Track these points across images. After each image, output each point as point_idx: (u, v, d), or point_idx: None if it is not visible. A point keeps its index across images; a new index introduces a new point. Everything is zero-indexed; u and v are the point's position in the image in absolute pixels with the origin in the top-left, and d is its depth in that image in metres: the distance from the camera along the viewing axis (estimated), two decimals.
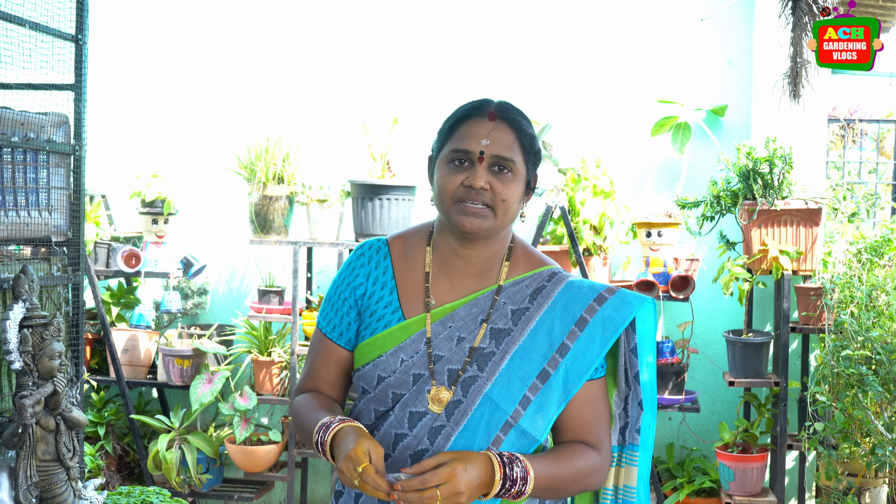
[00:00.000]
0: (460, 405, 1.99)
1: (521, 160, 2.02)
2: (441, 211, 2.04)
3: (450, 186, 1.99)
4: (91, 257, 5.19)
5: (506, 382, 1.99)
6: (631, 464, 2.12)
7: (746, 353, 4.66)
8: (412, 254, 2.12)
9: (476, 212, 1.98)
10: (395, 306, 2.07)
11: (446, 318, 2.05)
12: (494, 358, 2.01)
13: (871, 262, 4.53)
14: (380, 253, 2.13)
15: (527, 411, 1.99)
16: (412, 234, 2.16)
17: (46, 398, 2.90)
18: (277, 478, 5.17)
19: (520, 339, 2.02)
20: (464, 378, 2.00)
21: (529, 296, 2.07)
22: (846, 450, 4.36)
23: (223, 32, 5.66)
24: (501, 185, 1.98)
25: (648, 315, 2.08)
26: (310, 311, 5.09)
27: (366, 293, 2.10)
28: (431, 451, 1.97)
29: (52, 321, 2.95)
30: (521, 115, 2.06)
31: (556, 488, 1.97)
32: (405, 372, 2.02)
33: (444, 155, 2.04)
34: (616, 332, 2.03)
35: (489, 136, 1.99)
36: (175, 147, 5.64)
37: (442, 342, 2.03)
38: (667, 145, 5.17)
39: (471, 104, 2.08)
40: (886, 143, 6.00)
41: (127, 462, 5.38)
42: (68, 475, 2.98)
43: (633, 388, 2.10)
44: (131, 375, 5.28)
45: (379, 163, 5.01)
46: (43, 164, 3.48)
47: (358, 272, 2.12)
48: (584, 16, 5.35)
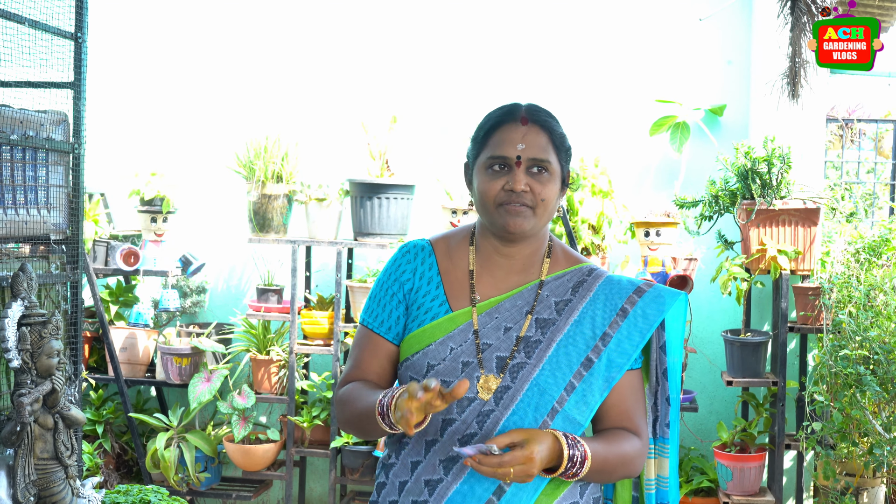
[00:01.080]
0: (509, 390, 2.06)
1: (555, 159, 2.11)
2: (483, 215, 2.14)
3: (491, 192, 2.09)
4: (90, 255, 5.19)
5: (553, 368, 2.07)
6: (663, 455, 2.22)
7: (744, 352, 4.66)
8: (455, 253, 2.21)
9: (518, 212, 2.08)
10: (441, 299, 2.16)
11: (492, 310, 2.13)
12: (541, 346, 2.09)
13: (870, 261, 4.53)
14: (424, 251, 2.22)
15: (571, 397, 2.07)
16: (454, 235, 2.26)
17: (45, 396, 2.90)
18: (275, 476, 5.17)
19: (564, 327, 2.11)
20: (512, 365, 2.08)
21: (571, 288, 2.16)
22: (844, 449, 4.37)
23: (222, 31, 5.66)
24: (540, 185, 2.08)
25: (679, 311, 2.18)
26: (308, 310, 5.09)
27: (413, 288, 2.18)
28: (480, 436, 2.03)
29: (51, 319, 2.95)
30: (550, 115, 2.16)
31: (605, 471, 2.05)
32: (454, 360, 2.09)
33: (481, 162, 2.13)
34: (654, 323, 2.13)
35: (523, 139, 2.09)
36: (174, 145, 5.64)
37: (489, 332, 2.11)
38: (665, 145, 5.17)
39: (501, 110, 2.16)
40: (885, 142, 6.01)
41: (125, 460, 5.38)
42: (66, 473, 2.98)
43: (661, 384, 2.20)
44: (130, 374, 5.28)
45: (378, 161, 5.01)
46: (42, 162, 3.48)
47: (405, 268, 2.21)
48: (582, 15, 5.35)
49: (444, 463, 2.05)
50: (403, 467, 2.11)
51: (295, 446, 5.11)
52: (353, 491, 5.32)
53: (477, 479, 2.02)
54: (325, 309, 5.12)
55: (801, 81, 4.09)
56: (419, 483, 2.07)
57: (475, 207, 2.17)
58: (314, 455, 5.12)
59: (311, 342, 5.09)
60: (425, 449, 2.08)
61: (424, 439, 2.08)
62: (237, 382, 5.26)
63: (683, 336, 2.21)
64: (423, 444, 2.08)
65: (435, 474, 2.06)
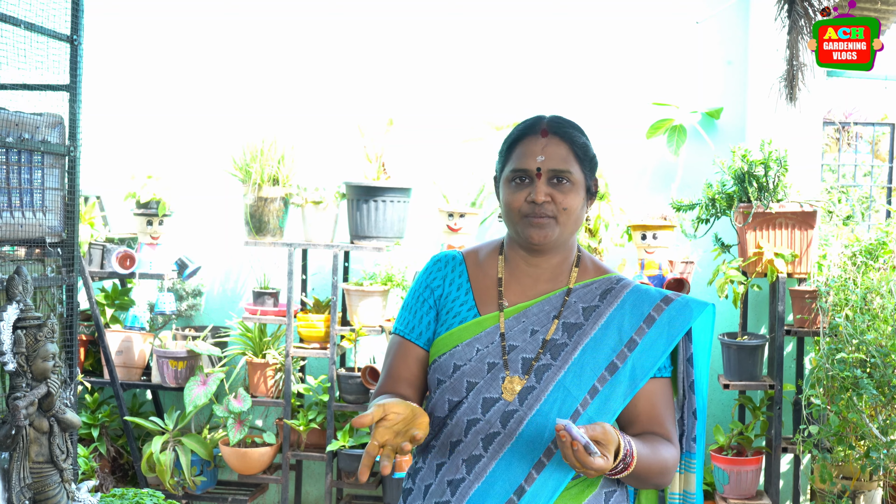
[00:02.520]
0: (534, 391, 2.08)
1: (577, 169, 2.14)
2: (509, 226, 2.19)
3: (515, 204, 2.14)
4: (85, 258, 5.17)
5: (578, 371, 2.10)
6: (689, 471, 2.23)
7: (741, 355, 4.66)
8: (485, 263, 2.26)
9: (542, 223, 2.12)
10: (470, 304, 2.20)
11: (520, 315, 2.17)
12: (567, 348, 2.12)
13: (866, 265, 4.53)
14: (455, 260, 2.28)
15: (594, 400, 2.08)
16: (484, 247, 2.31)
17: (40, 400, 2.89)
18: (271, 480, 5.16)
19: (591, 332, 2.14)
20: (537, 366, 2.11)
21: (599, 296, 2.19)
22: (841, 453, 4.37)
23: (219, 34, 5.65)
24: (562, 195, 2.11)
25: (706, 322, 2.20)
26: (304, 313, 5.08)
27: (443, 294, 2.24)
28: (503, 434, 2.06)
29: (46, 322, 2.94)
30: (572, 126, 2.19)
31: (644, 476, 2.04)
32: (480, 360, 2.13)
33: (505, 175, 2.17)
34: (680, 331, 2.15)
35: (543, 151, 2.13)
36: (170, 148, 5.63)
37: (516, 334, 2.15)
38: (662, 148, 5.17)
39: (524, 123, 2.20)
40: (881, 146, 6.01)
41: (121, 464, 5.37)
42: (62, 477, 2.97)
43: (688, 397, 2.21)
44: (125, 377, 5.27)
45: (374, 164, 5.00)
46: (38, 164, 3.48)
47: (435, 276, 2.27)
48: (579, 18, 5.35)
49: (467, 462, 2.08)
50: (430, 471, 2.14)
51: (291, 450, 5.10)
52: (350, 494, 5.31)
53: (499, 479, 2.05)
54: (322, 312, 5.12)
55: (798, 84, 4.09)
56: (442, 484, 2.10)
57: (503, 219, 2.21)
58: (310, 458, 5.11)
59: (307, 345, 5.08)
60: (450, 450, 2.11)
61: (450, 440, 2.11)
62: (233, 386, 5.25)
63: (711, 348, 2.22)
64: (449, 445, 2.12)
65: (458, 474, 2.08)
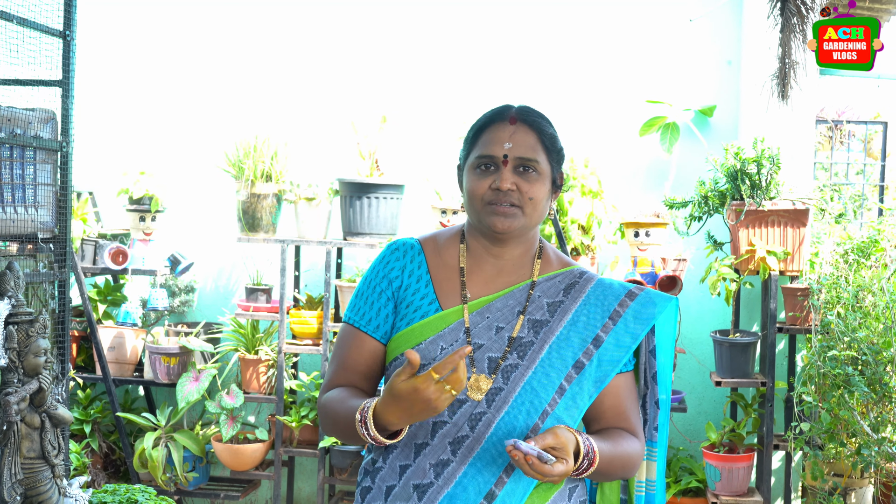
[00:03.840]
0: (501, 392, 2.04)
1: (544, 160, 2.10)
2: (472, 215, 2.13)
3: (479, 191, 2.08)
4: (78, 254, 5.17)
5: (545, 371, 2.06)
6: (651, 459, 2.22)
7: (733, 353, 4.67)
8: (445, 252, 2.18)
9: (506, 212, 2.06)
10: (431, 297, 2.13)
11: (483, 310, 2.10)
12: (534, 347, 2.08)
13: (858, 262, 4.54)
14: (413, 249, 2.19)
15: (562, 399, 2.06)
16: (442, 234, 2.23)
17: (32, 395, 2.88)
18: (264, 476, 5.16)
19: (557, 329, 2.10)
20: (504, 366, 2.06)
21: (563, 290, 2.15)
22: (832, 450, 4.37)
23: (212, 30, 5.64)
24: (528, 184, 2.07)
25: (669, 316, 2.18)
26: (297, 310, 5.08)
27: (402, 285, 2.15)
28: (472, 438, 2.01)
29: (38, 318, 2.94)
30: (541, 116, 2.15)
31: (608, 472, 2.04)
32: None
33: (470, 162, 2.12)
34: (645, 327, 2.13)
35: (511, 139, 2.08)
36: (163, 144, 5.62)
37: (481, 331, 2.08)
38: (655, 145, 5.18)
39: (492, 111, 2.15)
40: (874, 144, 6.02)
41: (113, 460, 5.36)
42: (53, 473, 2.96)
43: (650, 387, 2.20)
44: (117, 373, 5.26)
45: (367, 161, 5.00)
46: (30, 160, 3.47)
47: (393, 265, 2.17)
48: (572, 15, 5.35)
49: (435, 467, 2.02)
50: (391, 471, 2.07)
51: (283, 446, 5.10)
52: (342, 491, 5.31)
53: (468, 485, 2.00)
54: (314, 308, 5.11)
55: (790, 83, 4.10)
56: (407, 487, 2.04)
57: (465, 207, 2.14)
58: (303, 455, 5.11)
59: (299, 342, 5.08)
60: (415, 452, 2.05)
61: (414, 442, 2.05)
62: (225, 382, 5.25)
63: (674, 340, 2.21)
64: (413, 447, 2.05)
65: (425, 478, 2.02)
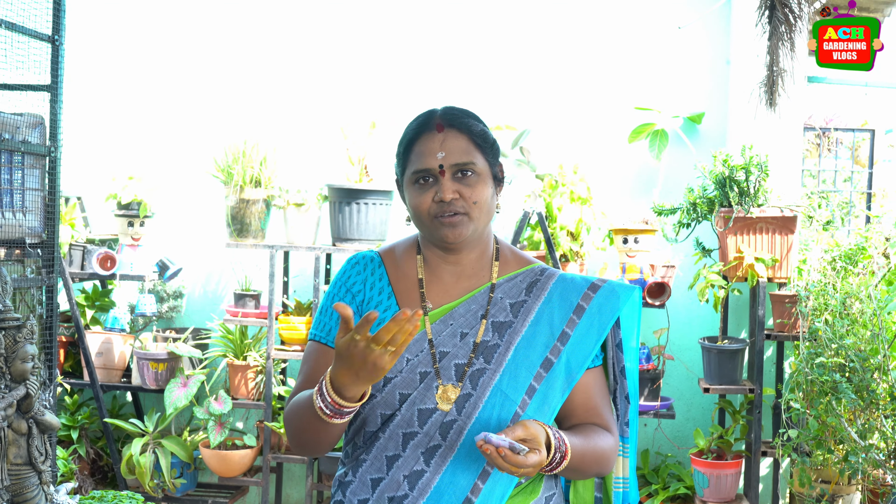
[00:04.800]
0: (470, 398, 2.01)
1: (480, 159, 2.06)
2: (421, 229, 2.10)
3: (423, 206, 2.04)
4: (66, 259, 5.15)
5: (513, 372, 2.04)
6: (624, 455, 2.20)
7: (721, 359, 4.68)
8: (403, 263, 2.16)
9: (453, 222, 2.03)
10: (394, 309, 2.10)
11: (446, 317, 2.08)
12: (500, 350, 2.05)
13: (846, 269, 4.56)
14: (374, 262, 2.17)
15: (532, 400, 2.04)
16: (399, 246, 2.21)
17: (19, 401, 2.87)
18: (252, 482, 5.15)
19: (522, 329, 2.08)
20: (471, 371, 2.04)
21: (525, 289, 2.13)
22: (820, 457, 4.39)
23: (201, 35, 5.64)
24: (469, 189, 2.03)
25: (633, 306, 2.16)
26: (286, 316, 5.07)
27: (365, 299, 2.13)
28: (444, 447, 1.99)
29: (26, 323, 2.92)
30: (467, 115, 2.10)
31: (581, 468, 2.01)
32: (411, 371, 2.04)
33: (408, 177, 2.08)
34: (611, 319, 2.11)
35: (443, 146, 2.03)
36: (151, 149, 5.62)
37: (445, 339, 2.06)
38: (644, 152, 5.19)
39: (416, 122, 2.10)
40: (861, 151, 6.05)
41: (100, 466, 5.35)
42: (40, 479, 2.95)
43: (619, 382, 2.18)
44: (105, 379, 5.24)
45: (357, 167, 5.00)
46: (18, 165, 3.46)
47: (355, 279, 2.15)
48: (561, 22, 5.37)
49: (409, 478, 2.00)
50: (363, 485, 2.04)
51: (272, 452, 5.09)
52: (330, 497, 5.29)
53: (444, 494, 1.98)
54: (303, 314, 5.11)
55: (778, 90, 4.11)
56: (382, 500, 2.01)
57: (413, 222, 2.11)
58: (291, 461, 5.10)
59: (288, 348, 5.07)
60: (387, 465, 2.02)
61: (385, 455, 2.02)
62: (214, 388, 5.23)
63: (639, 333, 2.19)
64: (384, 459, 2.03)
65: (399, 490, 2.00)
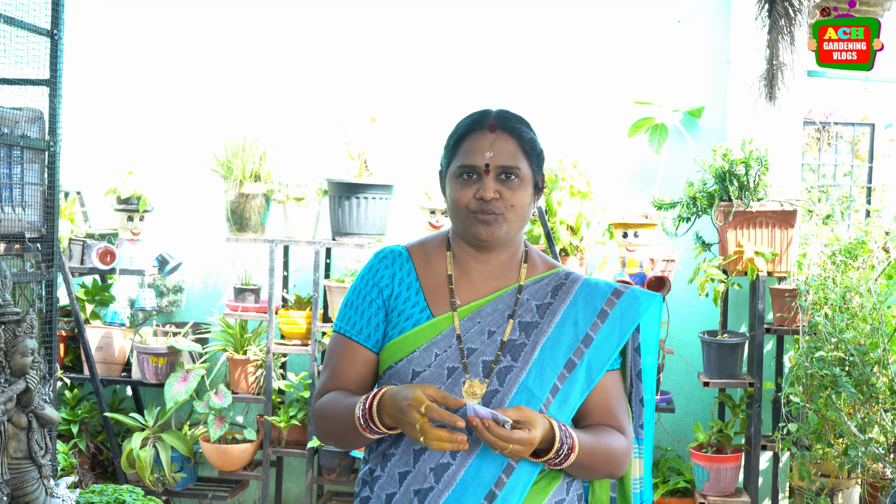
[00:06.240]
0: (497, 394, 2.06)
1: (525, 165, 2.12)
2: (456, 223, 2.14)
3: (463, 200, 2.09)
4: (65, 254, 5.15)
5: (539, 371, 2.08)
6: (638, 457, 2.23)
7: (721, 353, 4.68)
8: (432, 259, 2.20)
9: (489, 220, 2.08)
10: (422, 305, 2.14)
11: (474, 315, 2.12)
12: (526, 348, 2.09)
13: (845, 263, 4.56)
14: (402, 257, 2.20)
15: (555, 399, 2.08)
16: (429, 242, 2.24)
17: (18, 395, 2.87)
18: (252, 476, 5.15)
19: (548, 330, 2.12)
20: (498, 368, 2.08)
21: (550, 292, 2.17)
22: (819, 451, 4.39)
23: (201, 29, 5.63)
24: (510, 192, 2.08)
25: (654, 313, 2.20)
26: (286, 310, 5.07)
27: (392, 294, 2.16)
28: (471, 440, 2.01)
29: (25, 318, 2.92)
30: (519, 121, 2.17)
31: (590, 465, 2.06)
32: (440, 366, 2.07)
33: (452, 171, 2.13)
34: (632, 324, 2.15)
35: (492, 147, 2.09)
36: (151, 144, 5.61)
37: (473, 336, 2.10)
38: (644, 146, 5.19)
39: (471, 118, 2.16)
40: (861, 146, 6.05)
41: (100, 460, 5.35)
42: (40, 473, 2.95)
43: (635, 385, 2.22)
44: (105, 373, 5.25)
45: (356, 161, 5.00)
46: (17, 159, 3.46)
47: (382, 274, 2.18)
48: (561, 16, 5.36)
49: (435, 471, 2.03)
50: (391, 479, 2.07)
51: (272, 446, 5.10)
52: (330, 491, 5.31)
53: (469, 486, 2.01)
54: (303, 309, 5.11)
55: (777, 84, 4.11)
56: (408, 494, 2.04)
57: (449, 215, 2.17)
58: (291, 455, 5.10)
59: (288, 342, 5.08)
60: (414, 458, 2.05)
61: (412, 448, 2.06)
62: (214, 382, 5.24)
63: (658, 338, 2.23)
64: (412, 453, 2.06)
65: (425, 483, 2.03)
